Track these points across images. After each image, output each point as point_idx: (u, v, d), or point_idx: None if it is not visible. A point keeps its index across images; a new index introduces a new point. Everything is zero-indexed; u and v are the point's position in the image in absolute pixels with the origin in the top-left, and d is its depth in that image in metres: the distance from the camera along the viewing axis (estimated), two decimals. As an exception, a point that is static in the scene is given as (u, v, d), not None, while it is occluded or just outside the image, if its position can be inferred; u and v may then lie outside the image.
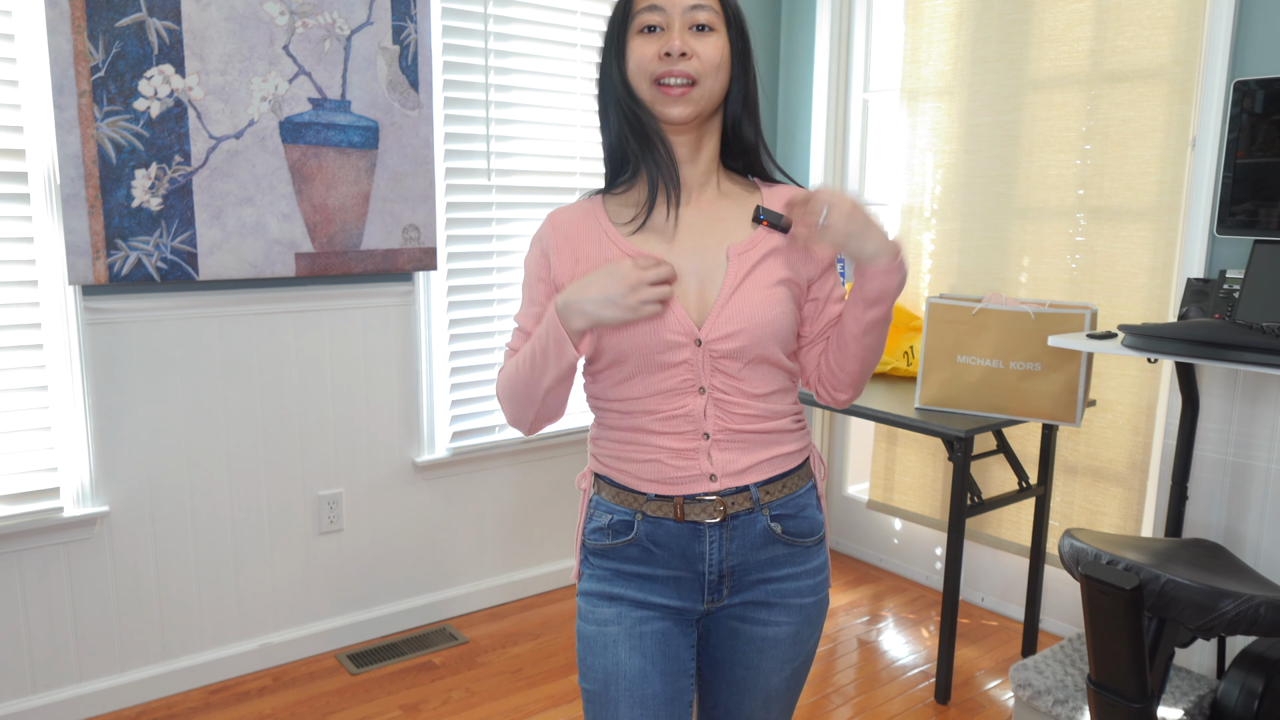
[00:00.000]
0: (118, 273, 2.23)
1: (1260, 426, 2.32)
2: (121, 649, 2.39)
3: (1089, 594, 1.71)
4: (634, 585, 1.23)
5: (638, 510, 1.22)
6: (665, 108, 1.16)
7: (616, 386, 1.20)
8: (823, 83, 3.32)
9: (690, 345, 1.17)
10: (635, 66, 1.17)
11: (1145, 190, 2.51)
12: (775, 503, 1.23)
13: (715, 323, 1.16)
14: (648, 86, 1.16)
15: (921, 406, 2.49)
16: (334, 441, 2.65)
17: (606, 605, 1.24)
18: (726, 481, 1.20)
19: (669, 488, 1.20)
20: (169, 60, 2.24)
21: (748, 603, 1.25)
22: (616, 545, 1.23)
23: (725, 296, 1.17)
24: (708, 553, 1.21)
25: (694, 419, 1.18)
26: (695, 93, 1.15)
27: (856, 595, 3.16)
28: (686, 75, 1.14)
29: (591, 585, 1.26)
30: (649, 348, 1.16)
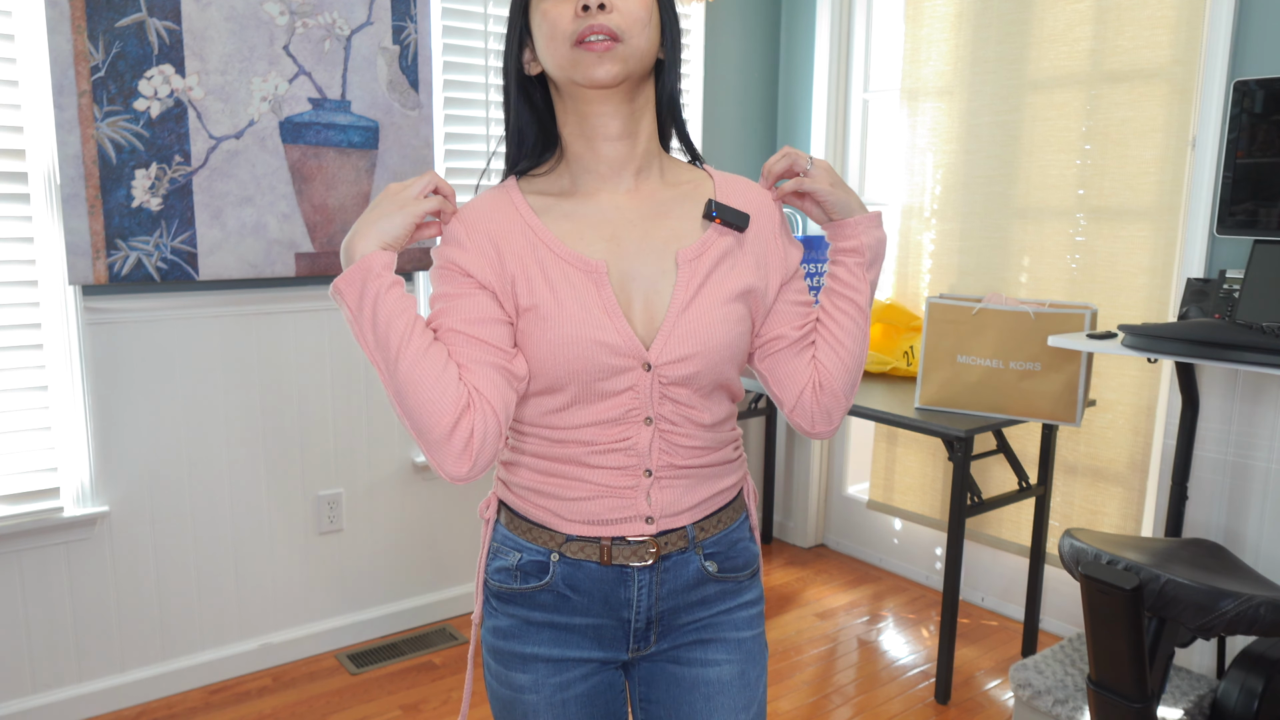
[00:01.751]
0: (118, 273, 2.23)
1: (1260, 426, 2.32)
2: (121, 649, 2.39)
3: (1089, 594, 1.71)
4: (547, 639, 1.07)
5: (553, 550, 1.05)
6: (589, 69, 0.96)
7: (552, 415, 1.03)
8: (823, 83, 3.32)
9: (637, 369, 1.00)
10: (549, 33, 0.98)
11: (1145, 190, 2.51)
12: (709, 540, 1.09)
13: (666, 344, 1.00)
14: (567, 50, 0.97)
15: (921, 406, 2.49)
16: (334, 441, 2.65)
17: (520, 670, 1.07)
18: (664, 524, 1.05)
19: (596, 528, 1.04)
20: (169, 60, 2.24)
21: (680, 644, 1.10)
22: (526, 590, 1.06)
23: (676, 312, 1.00)
24: (635, 599, 1.06)
25: (637, 453, 1.02)
26: (621, 49, 0.97)
27: (856, 595, 3.16)
28: (607, 31, 0.96)
29: (498, 641, 1.08)
30: (590, 373, 0.99)
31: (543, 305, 0.99)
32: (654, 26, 1.00)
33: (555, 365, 0.99)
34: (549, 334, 0.98)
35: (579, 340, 0.98)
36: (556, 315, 0.99)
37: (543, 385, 1.01)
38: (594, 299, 0.99)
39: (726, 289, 1.03)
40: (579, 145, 1.04)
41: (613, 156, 1.04)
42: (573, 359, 0.98)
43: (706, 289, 1.02)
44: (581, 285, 1.00)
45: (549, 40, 0.98)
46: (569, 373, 0.99)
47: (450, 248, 1.02)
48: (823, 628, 2.91)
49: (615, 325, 0.99)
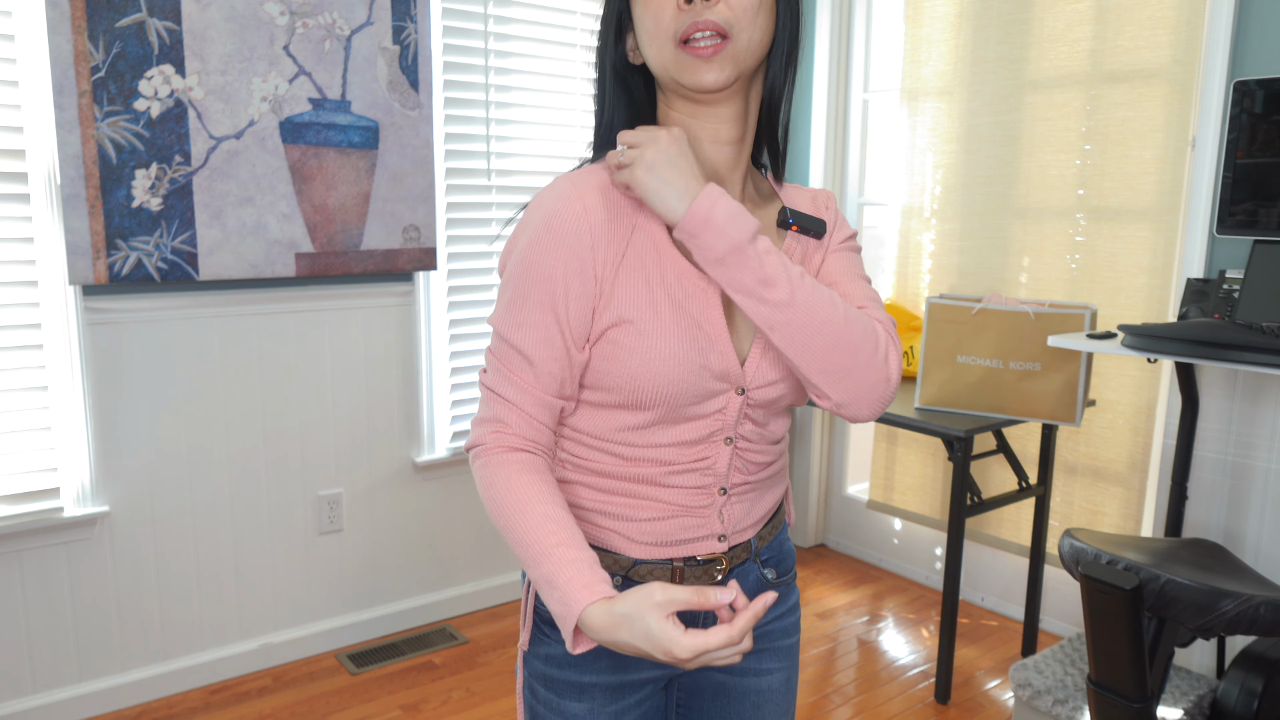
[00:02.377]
0: (118, 273, 2.23)
1: (1260, 426, 2.32)
2: (121, 649, 2.39)
3: (1089, 594, 1.71)
4: (605, 666, 1.00)
5: (616, 574, 0.99)
6: (695, 75, 0.87)
7: (626, 432, 0.94)
8: (823, 83, 3.32)
9: (730, 393, 0.94)
10: (651, 29, 0.89)
11: (1145, 190, 2.51)
12: (764, 548, 1.06)
13: (758, 368, 0.94)
14: (671, 50, 0.88)
15: (921, 406, 2.49)
16: (334, 441, 2.65)
17: (575, 699, 1.00)
18: (734, 539, 1.01)
19: (667, 550, 0.98)
20: (169, 60, 2.24)
21: None
22: None
23: None
24: (700, 617, 1.02)
25: (715, 473, 0.97)
26: (730, 48, 0.87)
27: (856, 595, 3.16)
28: (714, 28, 0.86)
29: (551, 670, 1.00)
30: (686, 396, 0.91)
31: (644, 320, 0.90)
32: (767, 11, 0.90)
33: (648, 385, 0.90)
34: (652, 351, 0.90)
35: (683, 362, 0.90)
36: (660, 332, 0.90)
37: (624, 401, 0.92)
38: (704, 318, 0.92)
39: None
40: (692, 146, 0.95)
41: (720, 161, 0.95)
42: (672, 381, 0.90)
43: None
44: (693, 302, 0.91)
45: (651, 36, 0.89)
46: (662, 395, 0.91)
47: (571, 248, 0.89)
48: (823, 628, 2.91)
49: (721, 349, 0.92)
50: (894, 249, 3.14)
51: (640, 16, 0.90)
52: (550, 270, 0.89)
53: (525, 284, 0.90)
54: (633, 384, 0.90)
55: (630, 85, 0.97)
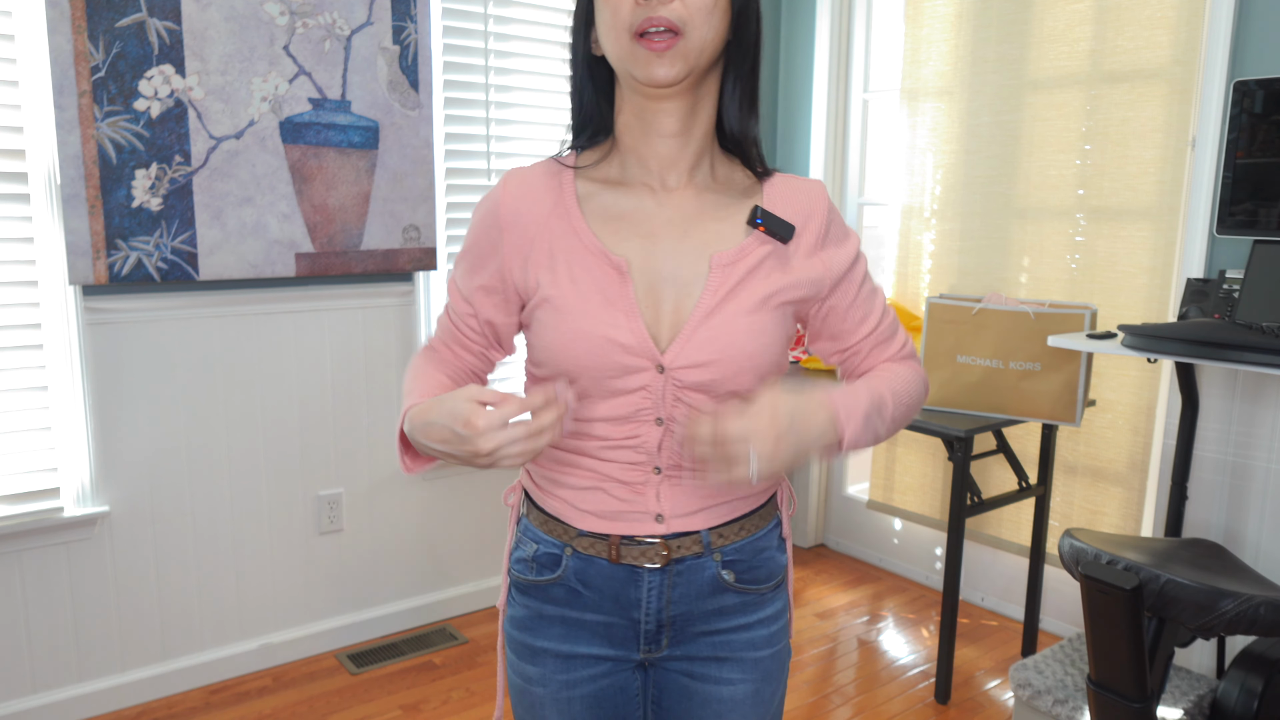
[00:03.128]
0: (118, 273, 2.23)
1: (1260, 426, 2.32)
2: (121, 649, 2.39)
3: (1089, 594, 1.71)
4: (558, 633, 1.06)
5: (567, 544, 1.04)
6: (647, 68, 0.92)
7: None
8: (823, 83, 3.32)
9: (650, 370, 0.97)
10: (609, 21, 0.93)
11: (1145, 190, 2.51)
12: (729, 547, 1.04)
13: (684, 348, 0.96)
14: (626, 42, 0.92)
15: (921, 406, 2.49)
16: (334, 441, 2.65)
17: (530, 661, 1.07)
18: (675, 524, 1.02)
19: (606, 524, 1.02)
20: (169, 60, 2.24)
21: (694, 657, 1.07)
22: (540, 583, 1.06)
23: (700, 317, 0.97)
24: (645, 600, 1.04)
25: (646, 451, 1.00)
26: (682, 45, 0.91)
27: (856, 595, 3.16)
28: (668, 24, 0.90)
29: (515, 632, 1.09)
30: (601, 370, 0.96)
31: (561, 297, 0.97)
32: (721, 11, 0.94)
33: (567, 358, 0.97)
34: (564, 326, 0.97)
35: (591, 336, 0.96)
36: (573, 309, 0.97)
37: (553, 374, 0.99)
38: (615, 296, 0.97)
39: (759, 298, 0.98)
40: (632, 137, 1.01)
41: (664, 153, 1.00)
42: (583, 354, 0.96)
43: (737, 296, 0.98)
44: (605, 281, 0.97)
45: (608, 29, 0.94)
46: (579, 367, 0.97)
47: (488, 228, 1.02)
48: (823, 628, 2.91)
49: (630, 325, 0.96)
50: (894, 249, 3.14)
51: (600, 9, 0.95)
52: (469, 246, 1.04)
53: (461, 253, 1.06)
54: (554, 357, 0.98)
55: (597, 74, 1.02)
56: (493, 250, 1.01)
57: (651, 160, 1.01)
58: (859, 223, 3.40)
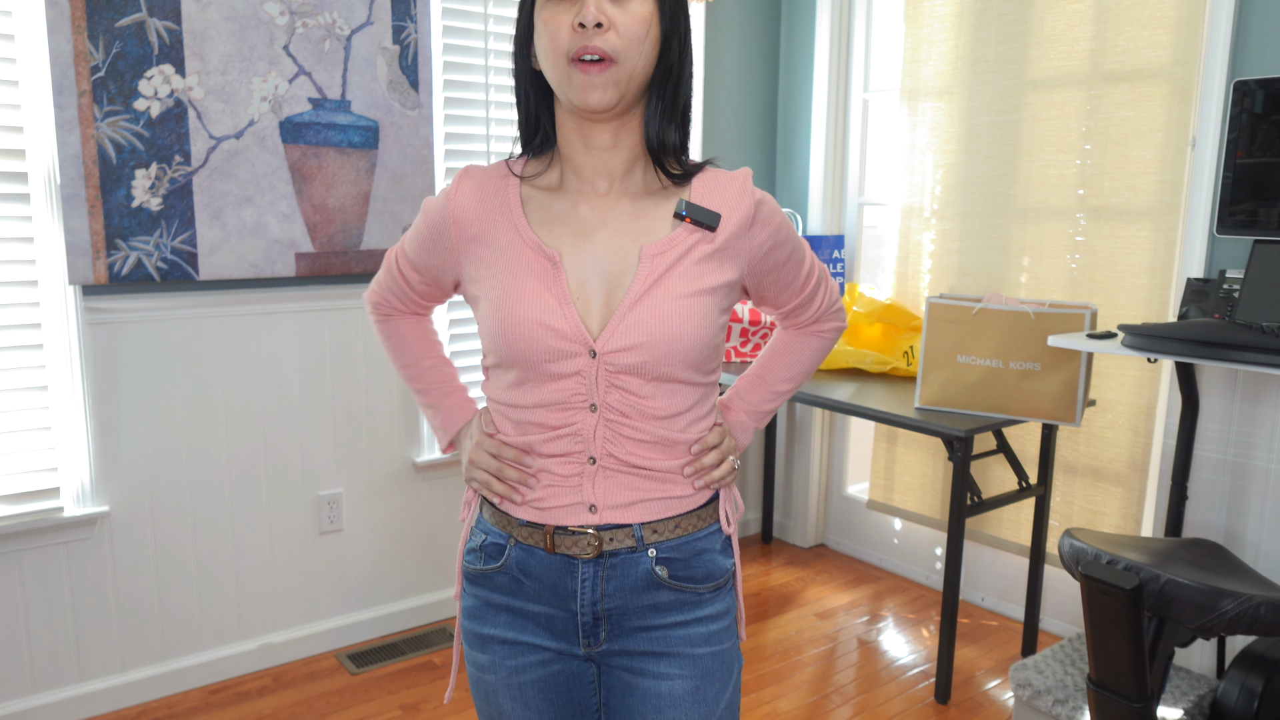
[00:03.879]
0: (118, 273, 2.23)
1: (1260, 426, 2.32)
2: (121, 649, 2.39)
3: (1089, 594, 1.71)
4: (504, 621, 1.12)
5: (510, 534, 1.10)
6: (583, 94, 0.98)
7: (507, 390, 1.08)
8: (823, 83, 3.32)
9: (583, 355, 1.02)
10: (548, 45, 0.99)
11: (1145, 190, 2.51)
12: (664, 544, 1.07)
13: (614, 332, 1.02)
14: (564, 66, 0.98)
15: (921, 406, 2.49)
16: (334, 441, 2.65)
17: (480, 649, 1.14)
18: (608, 515, 1.06)
19: (541, 514, 1.07)
20: (169, 60, 2.24)
21: (633, 652, 1.10)
22: (487, 571, 1.13)
23: (629, 303, 1.02)
24: (580, 591, 1.07)
25: (582, 439, 1.05)
26: (614, 71, 0.98)
27: (856, 595, 3.16)
28: (602, 53, 0.97)
29: (466, 621, 1.16)
30: (535, 355, 1.02)
31: (499, 286, 1.05)
32: (652, 41, 1.01)
33: (505, 344, 1.03)
34: (500, 313, 1.04)
35: (526, 321, 1.02)
36: (509, 297, 1.03)
37: (497, 360, 1.07)
38: (549, 285, 1.03)
39: (689, 283, 1.04)
40: (570, 149, 1.08)
41: (598, 163, 1.07)
42: (519, 339, 1.02)
43: (665, 282, 1.03)
44: (539, 271, 1.04)
45: (547, 52, 1.00)
46: (515, 352, 1.03)
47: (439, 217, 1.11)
48: (823, 628, 2.91)
49: (564, 311, 1.02)
50: (894, 249, 3.14)
51: (539, 33, 1.01)
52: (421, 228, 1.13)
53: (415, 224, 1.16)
54: (496, 344, 1.05)
55: (538, 88, 1.09)
56: (439, 239, 1.11)
57: (586, 169, 1.08)
58: (859, 223, 3.40)
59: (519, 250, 1.05)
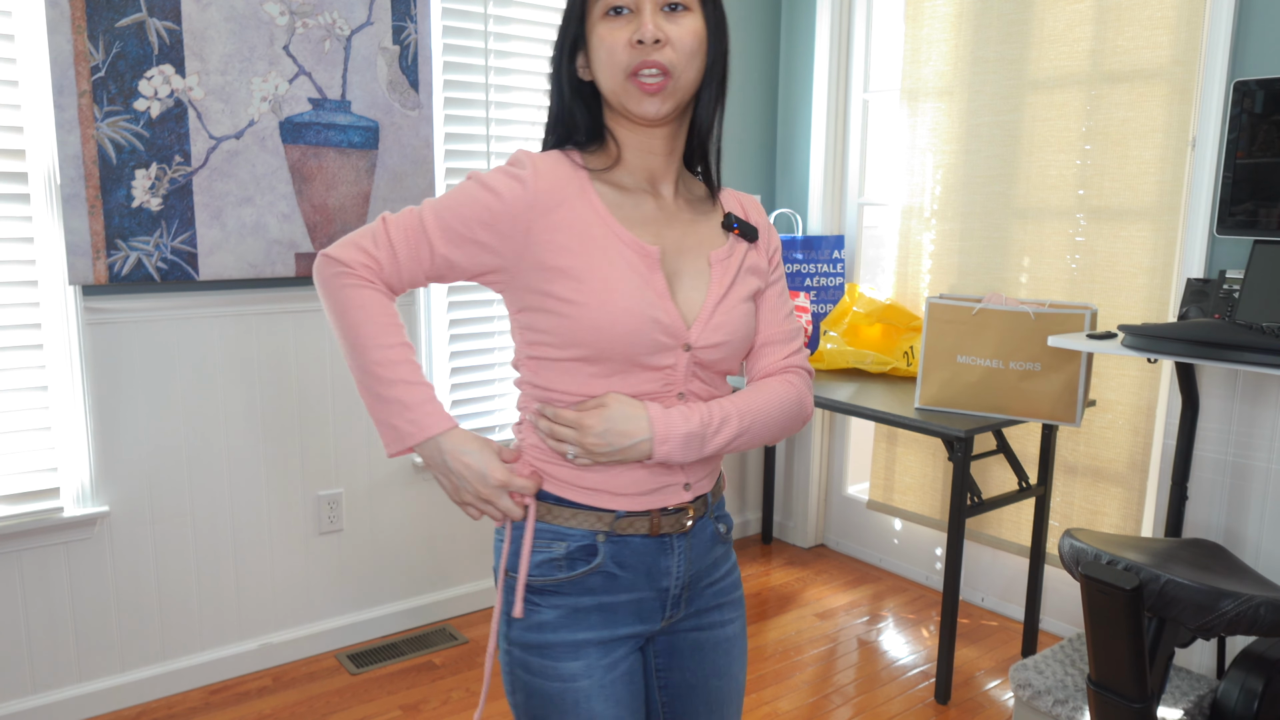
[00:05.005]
0: (118, 273, 2.23)
1: (1260, 426, 2.32)
2: (121, 649, 2.39)
3: (1089, 594, 1.71)
4: (596, 622, 1.10)
5: (599, 531, 1.09)
6: (640, 105, 1.04)
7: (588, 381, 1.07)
8: (823, 83, 3.32)
9: (678, 349, 1.08)
10: (606, 60, 1.04)
11: (1145, 190, 2.51)
12: (716, 505, 1.20)
13: (704, 329, 1.09)
14: (621, 80, 1.03)
15: (921, 406, 2.49)
16: (334, 441, 2.65)
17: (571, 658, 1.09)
18: (696, 489, 1.15)
19: (644, 501, 1.10)
20: (169, 60, 2.24)
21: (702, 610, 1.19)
22: (575, 578, 1.09)
23: (713, 303, 1.10)
24: (674, 566, 1.13)
25: None
26: (671, 84, 1.03)
27: (856, 595, 3.16)
28: (661, 67, 1.02)
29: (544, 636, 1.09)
30: (639, 347, 1.05)
31: (597, 279, 1.04)
32: (702, 54, 1.06)
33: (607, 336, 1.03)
34: (607, 306, 1.03)
35: (635, 314, 1.04)
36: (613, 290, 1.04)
37: (585, 354, 1.05)
38: (649, 281, 1.06)
39: (745, 290, 1.15)
40: (632, 154, 1.12)
41: (655, 168, 1.13)
42: (627, 331, 1.04)
43: (735, 287, 1.13)
44: (638, 267, 1.06)
45: (604, 66, 1.05)
46: (618, 344, 1.04)
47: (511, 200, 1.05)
48: (823, 628, 2.91)
49: (664, 306, 1.07)
50: (894, 249, 3.14)
51: (595, 46, 1.05)
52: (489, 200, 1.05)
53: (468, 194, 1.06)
54: (594, 335, 1.03)
55: (582, 91, 1.12)
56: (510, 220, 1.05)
57: (647, 174, 1.13)
58: (859, 223, 3.40)
59: (612, 244, 1.06)
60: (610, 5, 1.03)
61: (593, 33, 1.05)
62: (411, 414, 1.05)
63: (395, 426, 1.05)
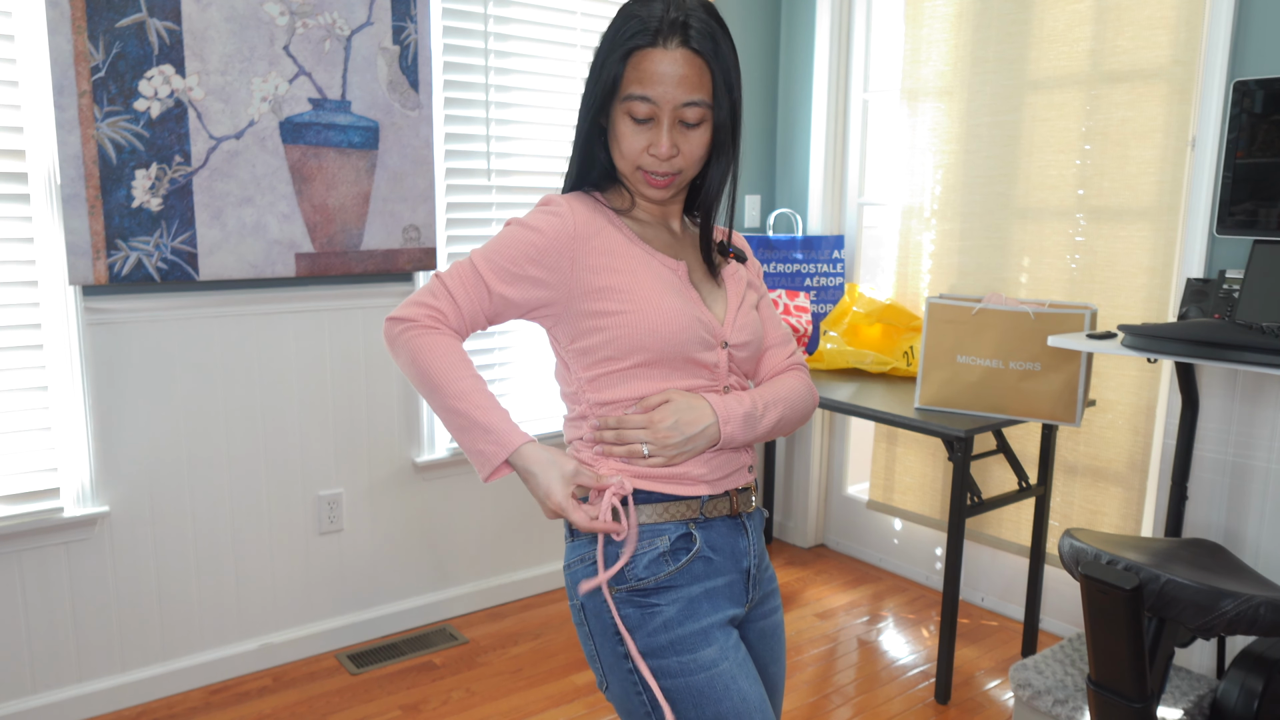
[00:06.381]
0: (118, 273, 2.23)
1: (1260, 426, 2.32)
2: (121, 649, 2.39)
3: (1089, 594, 1.71)
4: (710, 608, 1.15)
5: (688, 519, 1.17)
6: (647, 192, 1.19)
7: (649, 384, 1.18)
8: (823, 83, 3.32)
9: (718, 345, 1.21)
10: (619, 147, 1.17)
11: (1145, 190, 2.51)
12: None
13: (733, 328, 1.23)
14: (630, 168, 1.17)
15: (921, 406, 2.49)
16: (334, 441, 2.65)
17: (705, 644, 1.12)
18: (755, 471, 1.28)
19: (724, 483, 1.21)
20: (169, 60, 2.24)
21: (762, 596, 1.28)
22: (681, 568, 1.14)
23: (734, 310, 1.25)
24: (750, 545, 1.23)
25: None
26: (677, 181, 1.18)
27: (856, 595, 3.16)
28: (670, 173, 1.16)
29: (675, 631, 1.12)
30: (690, 344, 1.17)
31: (645, 289, 1.16)
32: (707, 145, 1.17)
33: (663, 335, 1.14)
34: (657, 311, 1.15)
35: (682, 314, 1.16)
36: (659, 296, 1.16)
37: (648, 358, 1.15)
38: (683, 290, 1.20)
39: (751, 300, 1.31)
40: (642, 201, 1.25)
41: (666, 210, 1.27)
42: (679, 329, 1.15)
43: (746, 297, 1.29)
44: (672, 280, 1.19)
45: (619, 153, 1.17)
46: (673, 341, 1.15)
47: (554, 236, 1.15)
48: (823, 628, 2.91)
49: (702, 309, 1.20)
50: (894, 249, 3.14)
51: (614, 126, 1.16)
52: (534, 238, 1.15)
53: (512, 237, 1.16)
54: (648, 338, 1.14)
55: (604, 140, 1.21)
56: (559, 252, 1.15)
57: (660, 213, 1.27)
58: (859, 223, 3.40)
59: (648, 261, 1.19)
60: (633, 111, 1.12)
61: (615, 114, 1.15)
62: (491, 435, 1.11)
63: (481, 451, 1.11)
